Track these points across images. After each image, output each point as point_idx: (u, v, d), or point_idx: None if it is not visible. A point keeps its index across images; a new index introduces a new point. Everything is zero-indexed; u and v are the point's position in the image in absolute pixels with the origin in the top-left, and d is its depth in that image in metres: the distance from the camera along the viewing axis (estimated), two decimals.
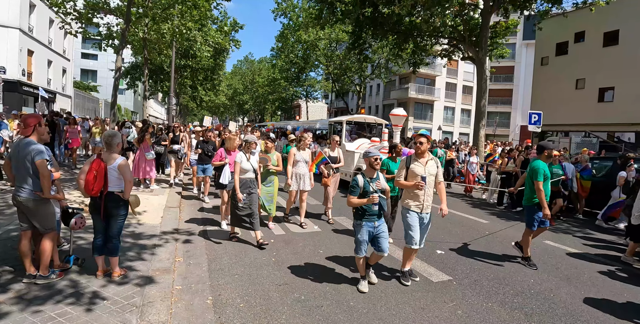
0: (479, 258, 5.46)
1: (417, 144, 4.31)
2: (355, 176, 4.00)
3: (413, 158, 4.35)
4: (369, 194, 3.86)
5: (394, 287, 4.27)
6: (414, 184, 4.11)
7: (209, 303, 3.66)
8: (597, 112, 21.22)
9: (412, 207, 4.27)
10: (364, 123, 12.97)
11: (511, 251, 5.73)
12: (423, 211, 4.25)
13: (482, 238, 6.51)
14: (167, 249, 5.00)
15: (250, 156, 5.52)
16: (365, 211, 3.94)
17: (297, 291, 4.02)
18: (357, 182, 3.95)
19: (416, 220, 4.23)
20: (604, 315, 3.83)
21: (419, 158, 4.33)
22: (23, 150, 3.51)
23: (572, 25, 21.50)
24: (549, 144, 5.27)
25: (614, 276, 5.04)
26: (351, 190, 3.95)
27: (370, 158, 4.01)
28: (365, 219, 3.96)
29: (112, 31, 15.20)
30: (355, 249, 4.09)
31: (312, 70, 37.83)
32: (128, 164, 3.86)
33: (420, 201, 4.24)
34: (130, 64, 29.01)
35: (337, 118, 13.92)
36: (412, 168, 4.27)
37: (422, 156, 4.34)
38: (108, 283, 3.80)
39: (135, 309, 3.35)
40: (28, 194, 3.55)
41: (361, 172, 4.05)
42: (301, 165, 6.65)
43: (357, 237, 4.04)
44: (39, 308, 3.24)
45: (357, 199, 3.92)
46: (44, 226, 3.65)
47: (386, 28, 16.99)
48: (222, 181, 5.88)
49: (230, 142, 6.33)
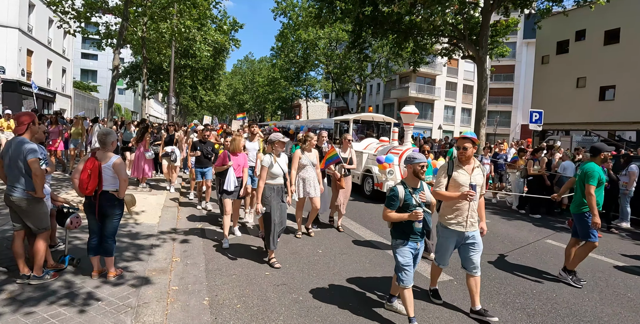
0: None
1: (460, 150, 3.59)
2: (394, 186, 3.34)
3: (456, 164, 3.62)
4: (411, 208, 3.22)
5: None
6: (462, 194, 3.41)
7: (206, 304, 3.60)
8: (598, 111, 21.15)
9: (453, 225, 3.56)
10: (371, 122, 12.43)
11: (514, 250, 5.66)
12: (468, 230, 3.54)
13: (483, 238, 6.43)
14: (164, 249, 4.95)
15: (277, 158, 4.71)
16: (408, 229, 3.27)
17: (295, 292, 3.96)
18: (396, 193, 3.27)
19: (452, 241, 3.60)
20: (607, 316, 3.76)
21: (463, 165, 3.59)
22: (16, 148, 3.46)
23: (572, 24, 21.42)
24: (604, 146, 4.74)
25: (617, 274, 4.97)
26: (389, 202, 3.28)
27: (416, 165, 3.28)
28: (406, 237, 3.29)
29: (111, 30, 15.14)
30: (399, 278, 3.28)
31: (312, 70, 37.78)
32: (123, 162, 3.80)
33: (464, 216, 3.53)
34: (130, 64, 28.97)
35: (343, 116, 13.44)
36: (455, 177, 3.55)
37: (467, 162, 3.59)
38: (103, 284, 3.74)
39: (130, 310, 3.29)
40: (21, 194, 3.49)
41: (402, 180, 3.40)
42: (308, 169, 5.81)
43: (400, 262, 3.26)
44: (32, 309, 3.18)
45: (397, 214, 3.26)
46: (37, 226, 3.59)
47: (386, 27, 16.91)
48: (226, 187, 5.28)
49: (234, 143, 5.60)
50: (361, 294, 4.00)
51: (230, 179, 5.30)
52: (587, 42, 22.21)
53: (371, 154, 9.80)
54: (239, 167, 5.53)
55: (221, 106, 57.90)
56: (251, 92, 53.32)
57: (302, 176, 5.78)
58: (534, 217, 8.55)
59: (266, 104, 49.82)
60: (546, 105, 21.44)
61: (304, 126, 16.79)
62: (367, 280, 4.37)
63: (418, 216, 3.13)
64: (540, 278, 4.72)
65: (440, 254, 3.75)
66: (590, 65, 21.67)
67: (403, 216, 3.22)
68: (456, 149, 3.67)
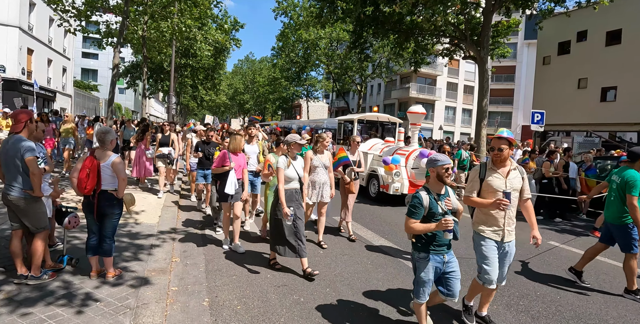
0: None
1: (495, 151, 3.21)
2: (416, 192, 2.96)
3: (489, 167, 3.26)
4: (437, 217, 2.87)
5: (397, 289, 4.16)
6: (493, 203, 3.08)
7: (206, 305, 3.55)
8: (599, 112, 21.10)
9: (489, 233, 3.24)
10: (376, 122, 12.12)
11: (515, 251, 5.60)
12: (504, 240, 3.22)
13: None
14: (164, 249, 4.90)
15: (293, 161, 4.46)
16: (432, 240, 2.93)
17: (296, 293, 3.91)
18: (420, 200, 2.90)
19: (494, 251, 3.22)
20: (613, 319, 3.71)
21: (498, 168, 3.23)
22: (13, 147, 3.41)
23: (574, 25, 21.38)
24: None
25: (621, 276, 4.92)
26: (411, 211, 2.89)
27: (439, 168, 2.93)
28: (432, 251, 2.93)
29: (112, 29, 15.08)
30: (414, 292, 3.05)
31: (313, 70, 37.71)
32: (122, 161, 3.75)
33: (499, 225, 3.21)
34: (130, 63, 28.92)
35: (347, 116, 13.05)
36: (489, 181, 3.19)
37: (502, 164, 3.23)
38: (102, 284, 3.69)
39: (129, 311, 3.24)
40: (18, 193, 3.44)
41: (424, 186, 3.05)
42: (320, 171, 5.42)
43: (419, 276, 2.97)
44: (29, 309, 3.13)
45: (422, 224, 2.87)
46: (35, 226, 3.55)
47: (387, 27, 16.85)
48: (227, 190, 4.90)
49: (234, 141, 5.22)
50: (363, 295, 3.95)
51: (231, 181, 4.94)
52: (588, 43, 22.17)
53: (376, 154, 9.67)
54: (239, 168, 5.18)
55: (221, 105, 57.83)
56: (252, 92, 53.27)
57: (313, 179, 5.43)
58: (553, 221, 8.26)
59: (267, 104, 49.77)
60: (547, 106, 21.40)
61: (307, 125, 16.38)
62: (369, 281, 4.32)
63: (448, 225, 2.73)
64: (543, 279, 4.66)
65: (484, 267, 3.22)
66: (592, 66, 21.63)
67: (430, 226, 2.83)
68: (489, 151, 3.30)
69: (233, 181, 4.93)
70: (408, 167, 8.84)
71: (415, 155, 8.80)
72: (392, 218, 7.63)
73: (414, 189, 8.80)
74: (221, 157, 5.04)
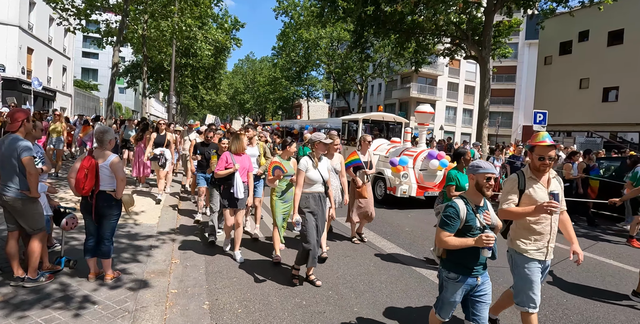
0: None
1: (545, 160, 2.74)
2: (452, 201, 2.58)
3: (528, 177, 2.84)
4: (473, 231, 2.50)
5: (400, 291, 4.08)
6: (539, 208, 2.60)
7: (206, 308, 3.48)
8: (601, 112, 21.04)
9: (533, 253, 2.78)
10: (382, 122, 11.64)
11: None
12: (547, 257, 2.82)
13: None
14: (164, 250, 4.83)
15: (319, 162, 4.13)
16: (467, 259, 2.52)
17: (298, 296, 3.83)
18: (456, 210, 2.49)
19: (538, 273, 2.80)
20: (621, 322, 3.64)
21: (539, 177, 2.82)
22: (9, 146, 3.33)
23: (576, 25, 21.31)
24: None
25: (628, 278, 4.85)
26: (446, 222, 2.49)
27: (480, 176, 2.53)
28: (465, 272, 2.51)
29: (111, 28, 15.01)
30: (436, 308, 2.73)
31: (314, 69, 37.65)
32: (120, 161, 3.68)
33: (544, 241, 2.78)
34: (130, 63, 28.87)
35: (352, 116, 12.62)
36: (530, 193, 2.77)
37: (544, 172, 2.81)
38: (100, 287, 3.62)
39: (127, 314, 3.17)
40: (14, 194, 3.37)
41: (461, 195, 2.64)
42: (331, 175, 4.92)
43: (444, 296, 2.62)
44: (25, 313, 3.06)
45: (458, 239, 2.47)
46: (31, 227, 3.47)
47: (388, 26, 16.80)
48: (236, 195, 4.54)
49: (237, 141, 4.82)
50: (366, 297, 3.87)
51: (238, 184, 4.54)
52: (590, 43, 22.11)
53: (382, 155, 9.40)
54: (243, 170, 4.77)
55: (222, 105, 57.77)
56: (252, 91, 53.23)
57: None
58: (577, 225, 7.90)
59: (267, 103, 49.73)
60: (548, 106, 21.32)
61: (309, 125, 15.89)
62: (371, 283, 4.25)
63: (490, 242, 2.33)
64: (550, 283, 4.59)
65: (529, 293, 2.80)
66: (594, 66, 21.57)
67: (468, 241, 2.42)
68: (539, 160, 2.77)
69: (239, 184, 4.57)
70: (416, 168, 8.56)
71: (423, 156, 8.55)
72: (396, 220, 7.56)
73: (421, 192, 8.60)
74: (223, 160, 4.70)
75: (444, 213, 2.53)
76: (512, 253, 2.92)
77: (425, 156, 8.51)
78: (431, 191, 8.67)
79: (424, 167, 8.53)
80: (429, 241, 6.11)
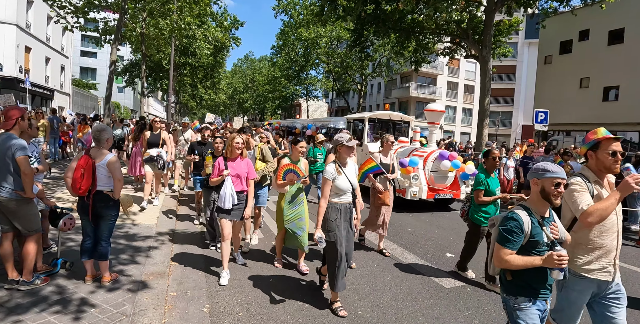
0: None
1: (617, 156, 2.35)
2: (513, 212, 2.14)
3: (594, 180, 2.41)
4: (539, 247, 2.09)
5: (405, 294, 4.00)
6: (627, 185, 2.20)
7: (206, 312, 3.39)
8: (601, 112, 20.98)
9: (595, 272, 2.35)
10: (388, 121, 11.23)
11: None
12: (615, 277, 2.38)
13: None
14: (163, 251, 4.74)
15: (344, 168, 3.54)
16: (536, 281, 2.12)
17: (301, 299, 3.75)
18: (519, 223, 2.07)
19: (588, 296, 2.40)
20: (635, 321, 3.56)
21: (602, 179, 2.43)
22: (3, 145, 3.23)
23: (576, 24, 21.24)
24: None
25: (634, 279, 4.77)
26: (506, 238, 2.08)
27: (546, 181, 2.12)
28: (532, 293, 2.13)
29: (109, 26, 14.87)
30: None
31: (313, 69, 37.53)
32: (118, 161, 3.58)
33: (610, 258, 2.35)
34: (129, 61, 28.73)
35: (357, 114, 12.25)
36: (600, 198, 2.34)
37: (615, 171, 2.42)
38: (97, 289, 3.53)
39: (125, 318, 3.08)
40: (8, 194, 3.27)
41: (522, 204, 2.22)
42: None
43: None
44: (20, 317, 2.97)
45: (523, 258, 2.06)
46: (26, 228, 3.38)
47: (388, 25, 16.73)
48: (221, 204, 4.01)
49: (229, 144, 4.22)
50: (369, 300, 3.79)
51: (225, 193, 3.98)
52: (590, 42, 22.04)
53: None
54: (238, 177, 4.17)
55: (221, 104, 57.65)
56: (251, 91, 53.09)
57: None
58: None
59: (266, 103, 49.60)
60: (549, 105, 21.25)
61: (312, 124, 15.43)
62: (375, 285, 4.17)
63: (563, 262, 1.94)
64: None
65: (568, 316, 2.46)
66: (594, 66, 21.50)
67: (534, 260, 2.03)
68: (611, 156, 2.35)
69: (228, 193, 3.99)
70: (426, 170, 8.25)
71: (434, 157, 8.26)
72: (400, 221, 7.47)
73: (432, 194, 8.23)
74: (217, 166, 4.17)
75: (503, 227, 2.11)
76: (569, 273, 2.36)
77: (436, 157, 8.22)
78: (442, 193, 8.35)
79: (434, 168, 8.23)
80: (431, 242, 6.04)
